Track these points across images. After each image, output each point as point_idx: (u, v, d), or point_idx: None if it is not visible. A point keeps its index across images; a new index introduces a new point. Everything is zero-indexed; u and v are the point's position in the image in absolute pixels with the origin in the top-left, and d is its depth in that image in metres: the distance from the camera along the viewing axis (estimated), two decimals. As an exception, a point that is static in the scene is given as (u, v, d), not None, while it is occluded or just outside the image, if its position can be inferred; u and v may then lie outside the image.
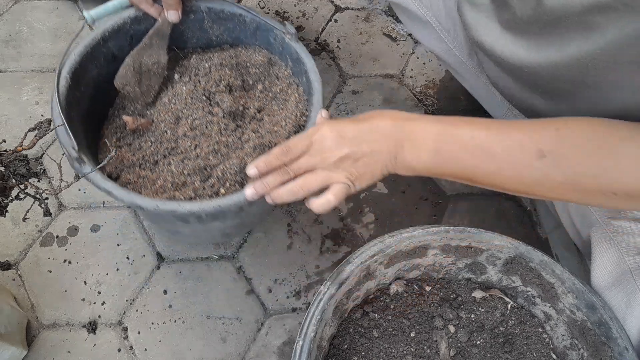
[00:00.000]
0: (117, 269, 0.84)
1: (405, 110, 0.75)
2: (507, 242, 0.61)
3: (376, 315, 0.67)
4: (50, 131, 0.62)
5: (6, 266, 0.83)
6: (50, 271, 0.83)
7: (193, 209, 0.58)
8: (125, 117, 0.69)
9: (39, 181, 0.91)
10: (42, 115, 0.99)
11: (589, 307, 0.58)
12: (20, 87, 1.03)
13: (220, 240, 0.89)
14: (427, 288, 0.69)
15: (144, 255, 0.85)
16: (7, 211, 0.88)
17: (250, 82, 0.75)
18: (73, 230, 0.87)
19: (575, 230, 0.63)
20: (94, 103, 0.70)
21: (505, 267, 0.65)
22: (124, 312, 0.80)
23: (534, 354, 0.64)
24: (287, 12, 1.18)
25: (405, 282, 0.69)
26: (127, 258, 0.85)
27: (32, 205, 0.88)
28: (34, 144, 0.80)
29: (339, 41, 1.14)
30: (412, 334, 0.65)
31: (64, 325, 0.79)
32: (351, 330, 0.65)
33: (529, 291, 0.65)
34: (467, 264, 0.66)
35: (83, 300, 0.81)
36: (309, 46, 1.12)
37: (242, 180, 0.65)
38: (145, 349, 0.77)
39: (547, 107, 0.56)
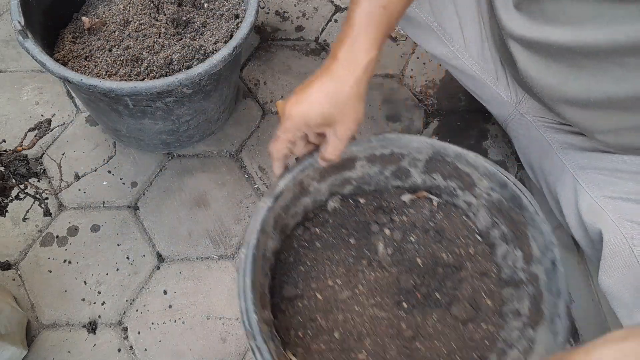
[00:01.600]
0: (117, 269, 0.84)
1: (405, 110, 0.75)
2: (423, 143, 0.66)
3: (317, 229, 0.71)
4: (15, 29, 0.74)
5: (6, 266, 0.83)
6: (50, 271, 0.83)
7: (112, 86, 0.69)
8: (84, 18, 0.85)
9: (39, 181, 0.91)
10: (42, 115, 0.99)
11: (502, 185, 0.63)
12: (20, 87, 1.03)
13: (163, 149, 0.93)
14: (362, 200, 0.73)
15: (144, 255, 0.85)
16: (7, 211, 0.88)
17: (202, 1, 0.90)
18: (73, 230, 0.87)
19: (580, 225, 0.63)
20: (58, 3, 0.86)
21: (426, 167, 0.69)
22: (124, 312, 0.80)
23: (462, 240, 0.69)
24: (287, 12, 1.18)
25: (340, 197, 0.73)
26: (127, 258, 0.85)
27: (32, 205, 0.89)
28: (34, 144, 0.80)
29: (339, 41, 1.14)
30: (352, 241, 0.70)
31: (64, 325, 0.79)
32: (295, 244, 0.70)
33: (450, 185, 0.69)
34: (393, 171, 0.70)
35: (83, 300, 0.81)
36: (309, 46, 1.12)
37: (167, 73, 0.79)
38: (145, 349, 0.77)
39: (578, 91, 0.56)
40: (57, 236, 0.87)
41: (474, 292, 0.65)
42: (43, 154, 0.95)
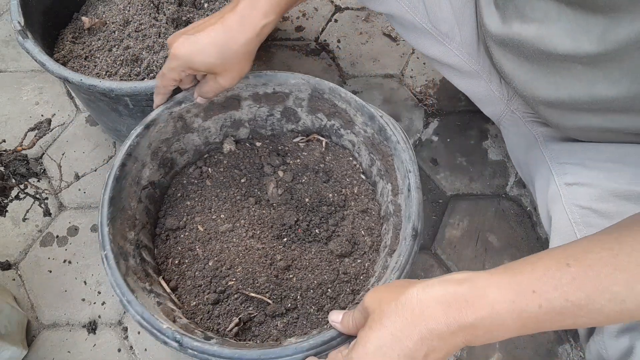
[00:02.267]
0: (117, 269, 0.84)
1: (405, 110, 0.74)
2: (300, 79, 0.68)
3: (209, 169, 0.74)
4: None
5: (6, 266, 0.83)
6: (50, 271, 0.83)
7: (112, 86, 0.69)
8: (84, 18, 0.85)
9: (38, 181, 0.91)
10: (42, 115, 0.99)
11: (371, 118, 0.65)
12: (20, 87, 1.03)
13: None
14: (258, 144, 0.76)
15: (144, 255, 0.86)
16: (7, 211, 0.88)
17: (202, 2, 0.89)
18: (73, 230, 0.87)
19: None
20: (58, 3, 0.86)
21: (310, 107, 0.72)
22: (124, 312, 0.80)
23: (347, 179, 0.73)
24: (287, 12, 1.18)
25: (235, 140, 0.76)
26: (127, 258, 0.85)
27: (32, 205, 0.89)
28: (34, 144, 0.80)
29: (339, 41, 1.14)
30: (243, 180, 0.73)
31: (64, 325, 0.79)
32: (184, 181, 0.73)
33: (334, 124, 0.73)
34: (282, 112, 0.73)
35: (83, 300, 0.81)
36: (309, 46, 1.12)
37: None
38: (145, 349, 0.77)
39: (547, 90, 0.56)
40: (57, 236, 0.87)
41: (354, 229, 0.68)
42: (43, 154, 0.95)
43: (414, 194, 0.59)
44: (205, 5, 0.89)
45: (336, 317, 0.49)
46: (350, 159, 0.74)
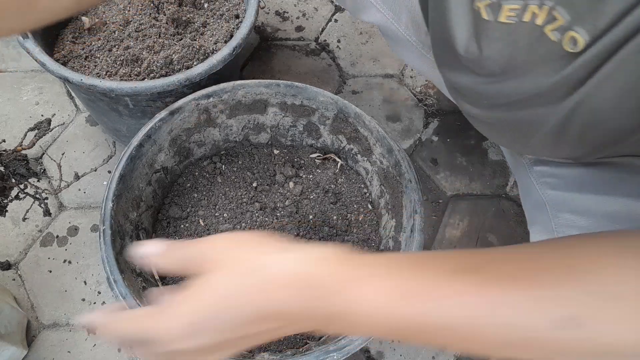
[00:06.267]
0: (117, 269, 0.84)
1: (405, 110, 0.72)
2: (328, 98, 0.69)
3: (223, 166, 0.75)
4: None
5: (6, 266, 0.83)
6: (50, 271, 0.83)
7: (112, 86, 0.69)
8: (84, 18, 0.84)
9: (38, 181, 0.91)
10: (42, 115, 0.99)
11: (389, 151, 0.66)
12: (20, 87, 1.03)
13: None
14: (276, 152, 0.77)
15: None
16: (7, 211, 0.88)
17: (202, 2, 0.89)
18: (73, 230, 0.87)
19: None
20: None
21: (333, 127, 0.73)
22: (124, 312, 0.80)
23: (355, 206, 0.73)
24: (287, 12, 1.18)
25: (255, 143, 0.78)
26: (127, 258, 0.85)
27: (32, 205, 0.89)
28: (34, 144, 0.80)
29: (339, 41, 1.14)
30: (254, 184, 0.74)
31: (64, 325, 0.79)
32: (196, 173, 0.74)
33: (352, 149, 0.73)
34: (305, 125, 0.74)
35: (83, 300, 0.81)
36: (309, 46, 1.12)
37: (167, 73, 0.78)
38: (145, 349, 0.77)
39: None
40: (57, 236, 0.87)
41: None
42: (43, 154, 0.95)
43: (416, 236, 0.58)
44: (206, 5, 0.89)
45: (152, 247, 0.37)
46: (362, 186, 0.75)
